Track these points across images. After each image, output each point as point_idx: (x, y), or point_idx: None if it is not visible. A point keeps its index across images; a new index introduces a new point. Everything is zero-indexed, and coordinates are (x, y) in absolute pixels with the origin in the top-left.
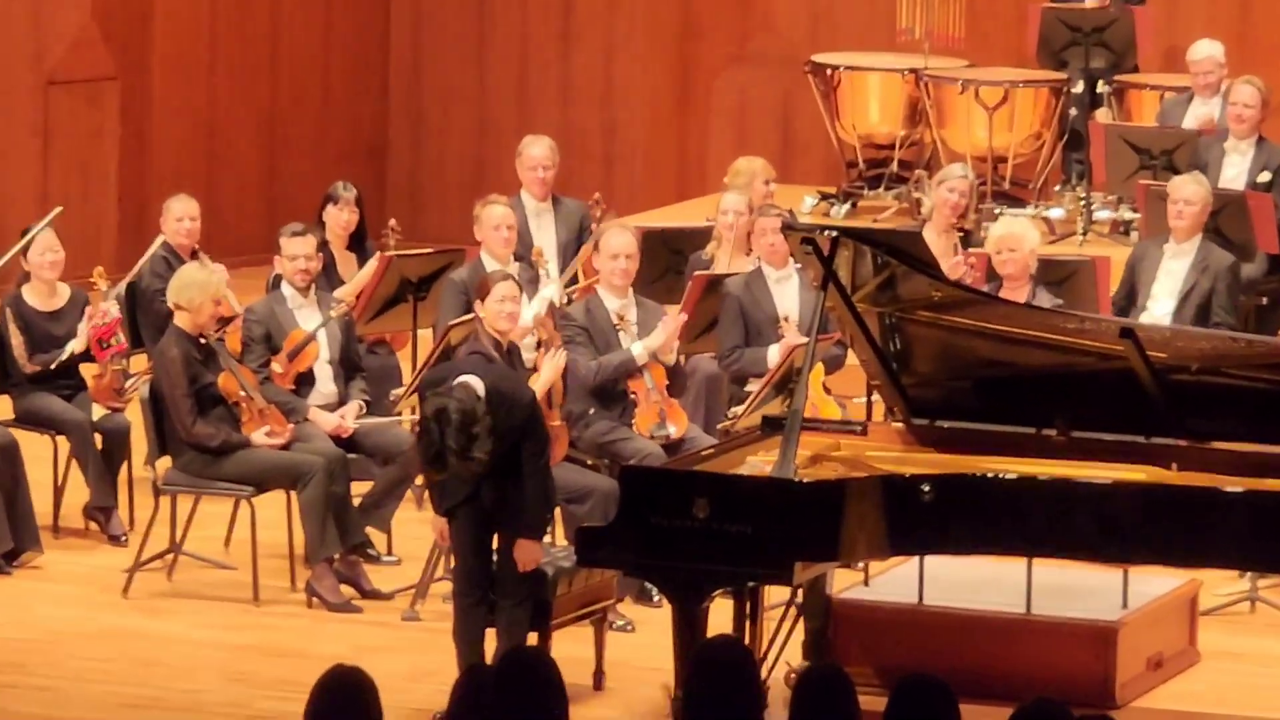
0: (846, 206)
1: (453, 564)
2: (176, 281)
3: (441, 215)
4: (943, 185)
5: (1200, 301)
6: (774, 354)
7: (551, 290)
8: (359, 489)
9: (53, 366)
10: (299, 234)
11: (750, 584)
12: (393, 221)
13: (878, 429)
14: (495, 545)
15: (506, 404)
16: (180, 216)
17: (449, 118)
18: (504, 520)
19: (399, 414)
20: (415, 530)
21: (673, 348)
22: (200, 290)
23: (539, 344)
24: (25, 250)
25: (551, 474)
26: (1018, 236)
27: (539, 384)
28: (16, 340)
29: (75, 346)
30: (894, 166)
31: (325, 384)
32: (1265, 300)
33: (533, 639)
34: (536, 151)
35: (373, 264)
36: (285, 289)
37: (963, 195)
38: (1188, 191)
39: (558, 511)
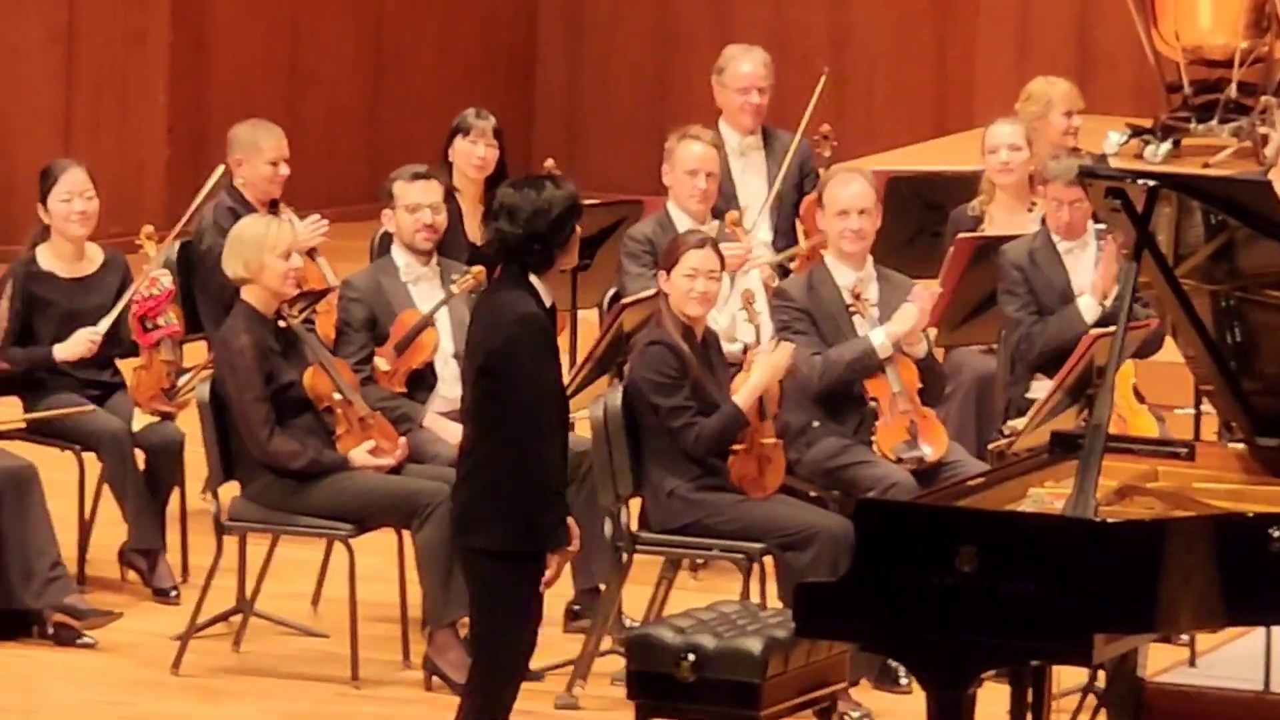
0: (1167, 145)
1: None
2: (227, 244)
3: (607, 153)
4: None
5: None
6: (1088, 307)
7: (760, 259)
8: None
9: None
10: (422, 176)
11: (1034, 663)
12: (550, 162)
13: (1209, 451)
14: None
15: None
16: (274, 159)
17: (619, 18)
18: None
19: None
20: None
21: (921, 335)
22: (256, 247)
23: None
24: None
25: None
26: None
27: (748, 388)
28: (0, 325)
29: (86, 337)
30: (1232, 91)
31: (449, 386)
32: None
33: None
34: (746, 67)
35: None
36: (397, 254)
37: None
38: None
39: (769, 563)
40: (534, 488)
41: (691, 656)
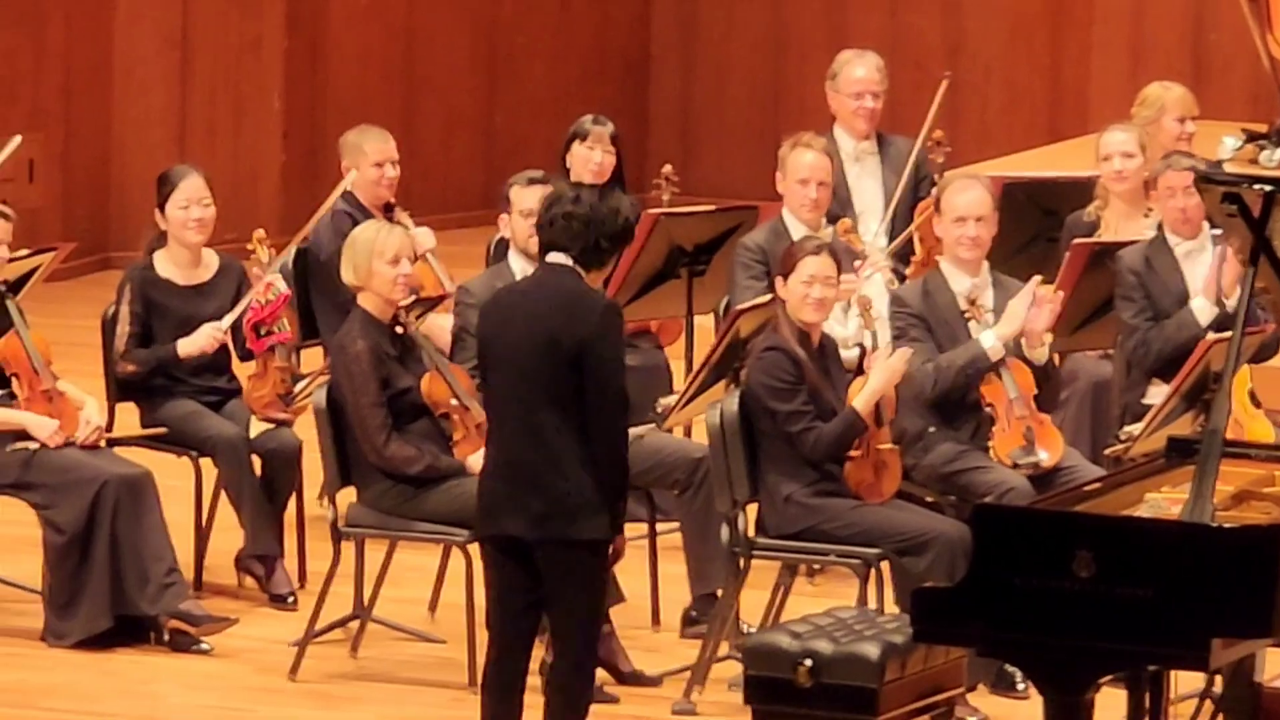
0: None
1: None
2: (344, 250)
3: (721, 159)
4: None
5: None
6: (1201, 309)
7: (878, 263)
8: None
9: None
10: (538, 182)
11: (1151, 668)
12: (668, 168)
13: None
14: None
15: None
16: (379, 160)
17: (734, 23)
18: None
19: (669, 432)
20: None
21: (1043, 339)
22: (366, 254)
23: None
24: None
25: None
26: None
27: (867, 392)
28: (123, 329)
29: (211, 332)
30: None
31: None
32: None
33: None
34: (859, 72)
35: None
36: (513, 259)
37: None
38: None
39: (885, 568)
40: (625, 473)
41: (809, 662)
